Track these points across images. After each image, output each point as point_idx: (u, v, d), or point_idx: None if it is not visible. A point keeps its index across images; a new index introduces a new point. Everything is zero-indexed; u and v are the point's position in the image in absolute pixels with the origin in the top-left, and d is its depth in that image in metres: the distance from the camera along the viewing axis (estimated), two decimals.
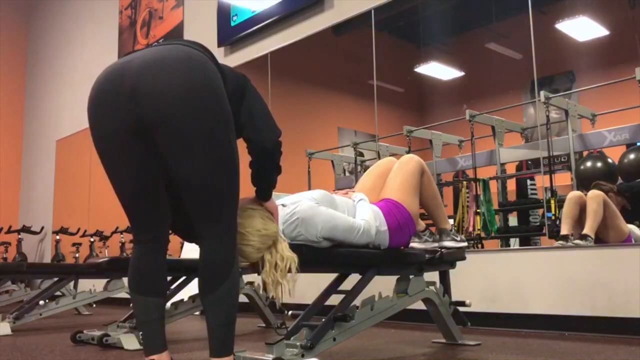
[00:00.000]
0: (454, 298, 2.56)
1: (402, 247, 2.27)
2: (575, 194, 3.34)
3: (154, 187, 1.63)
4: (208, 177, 1.54)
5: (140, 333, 1.68)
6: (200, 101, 1.49)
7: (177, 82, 1.48)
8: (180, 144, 1.50)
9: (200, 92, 1.50)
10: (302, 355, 1.89)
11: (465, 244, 2.54)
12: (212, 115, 1.52)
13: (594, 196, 3.20)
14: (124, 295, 4.59)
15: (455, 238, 2.47)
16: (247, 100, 1.72)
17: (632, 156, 3.91)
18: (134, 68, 1.50)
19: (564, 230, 3.22)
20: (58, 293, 4.32)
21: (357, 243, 2.08)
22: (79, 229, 7.06)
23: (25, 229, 7.70)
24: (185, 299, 3.04)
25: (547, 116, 3.82)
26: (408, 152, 4.98)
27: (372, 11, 4.37)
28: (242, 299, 1.87)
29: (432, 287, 2.45)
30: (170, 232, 1.81)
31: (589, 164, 4.10)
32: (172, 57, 1.53)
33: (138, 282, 1.67)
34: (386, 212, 2.18)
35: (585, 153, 4.25)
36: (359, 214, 2.14)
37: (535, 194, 4.63)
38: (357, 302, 2.16)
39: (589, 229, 3.12)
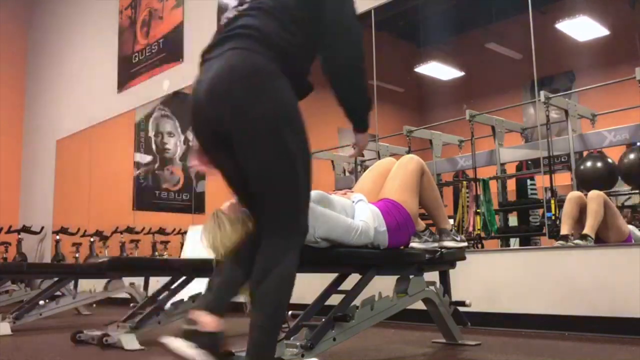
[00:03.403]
0: (454, 298, 2.55)
1: (402, 247, 2.27)
2: (575, 194, 3.34)
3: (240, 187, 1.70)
4: (264, 176, 1.58)
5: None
6: (253, 105, 1.53)
7: (234, 90, 1.54)
8: (241, 145, 1.56)
9: (253, 97, 1.53)
10: (302, 355, 1.89)
11: (465, 244, 2.54)
12: (268, 115, 1.54)
13: (595, 196, 3.20)
14: (124, 295, 4.60)
15: (455, 238, 2.47)
16: (328, 8, 1.66)
17: (632, 156, 3.91)
18: (207, 81, 1.59)
19: (564, 230, 3.22)
20: (58, 293, 4.32)
21: (356, 244, 2.07)
22: (79, 229, 7.06)
23: (25, 229, 7.69)
24: (185, 299, 3.03)
25: (547, 116, 3.82)
26: (408, 152, 4.98)
27: (372, 11, 4.37)
28: (241, 298, 1.87)
29: (432, 287, 2.45)
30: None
31: (589, 164, 4.10)
32: (232, 65, 1.57)
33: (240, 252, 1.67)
34: (385, 212, 2.18)
35: (585, 153, 4.25)
36: (357, 214, 2.14)
37: (535, 194, 4.64)
38: (357, 302, 2.15)
39: (589, 229, 3.11)
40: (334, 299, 2.19)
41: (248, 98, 1.53)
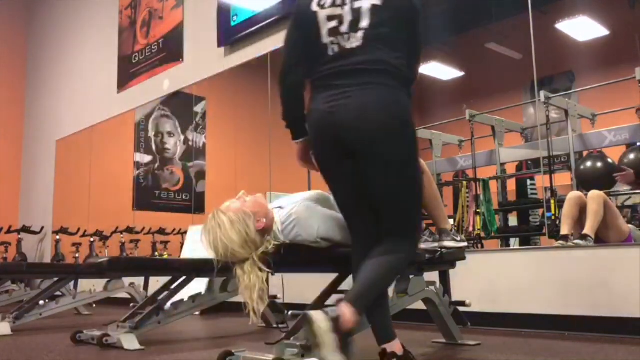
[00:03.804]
0: (454, 298, 2.56)
1: None
2: (575, 194, 3.34)
3: (358, 198, 1.88)
4: (393, 197, 1.80)
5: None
6: (392, 135, 1.75)
7: (374, 121, 1.74)
8: (380, 166, 1.77)
9: (394, 128, 1.75)
10: (302, 355, 1.89)
11: (465, 244, 2.53)
12: (402, 147, 1.77)
13: (595, 196, 3.20)
14: (124, 295, 4.59)
15: (455, 238, 2.46)
16: (414, 31, 1.88)
17: (632, 156, 3.91)
18: (350, 107, 1.75)
19: (564, 230, 3.21)
20: (58, 293, 4.32)
21: None
22: (79, 229, 7.06)
23: (25, 229, 7.69)
24: (185, 299, 3.03)
25: (547, 116, 3.83)
26: None
27: None
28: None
29: (432, 287, 2.45)
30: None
31: (589, 164, 4.10)
32: (372, 102, 1.76)
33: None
34: None
35: (585, 153, 4.25)
36: None
37: (535, 194, 4.64)
38: None
39: (589, 229, 3.11)
40: (334, 299, 2.18)
41: (395, 130, 1.76)
